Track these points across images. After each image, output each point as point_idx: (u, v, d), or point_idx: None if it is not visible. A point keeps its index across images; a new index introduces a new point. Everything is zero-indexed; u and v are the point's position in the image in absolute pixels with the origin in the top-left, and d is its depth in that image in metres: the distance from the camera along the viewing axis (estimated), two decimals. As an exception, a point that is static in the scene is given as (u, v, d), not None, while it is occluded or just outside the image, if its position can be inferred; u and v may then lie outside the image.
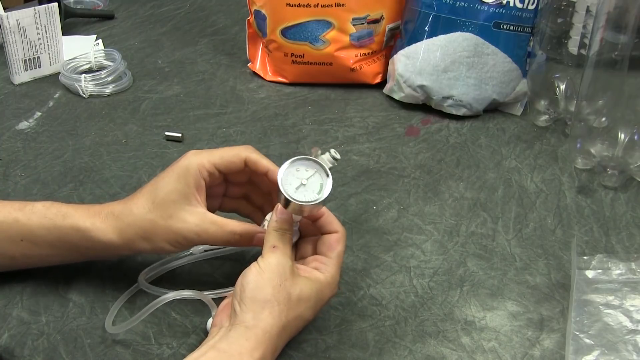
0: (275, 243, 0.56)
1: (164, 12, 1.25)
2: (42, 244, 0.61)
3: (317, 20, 0.96)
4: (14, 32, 0.96)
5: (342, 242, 0.59)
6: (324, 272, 0.57)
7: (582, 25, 0.97)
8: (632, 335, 0.59)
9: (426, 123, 0.93)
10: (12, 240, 0.60)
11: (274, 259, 0.55)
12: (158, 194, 0.59)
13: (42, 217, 0.60)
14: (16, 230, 0.60)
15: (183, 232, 0.59)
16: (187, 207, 0.59)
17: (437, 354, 0.59)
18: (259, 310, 0.53)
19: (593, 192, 0.80)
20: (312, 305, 0.56)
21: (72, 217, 0.60)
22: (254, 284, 0.54)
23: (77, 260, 0.64)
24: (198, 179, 0.59)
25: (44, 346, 0.59)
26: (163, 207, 0.59)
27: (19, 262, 0.63)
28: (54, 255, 0.62)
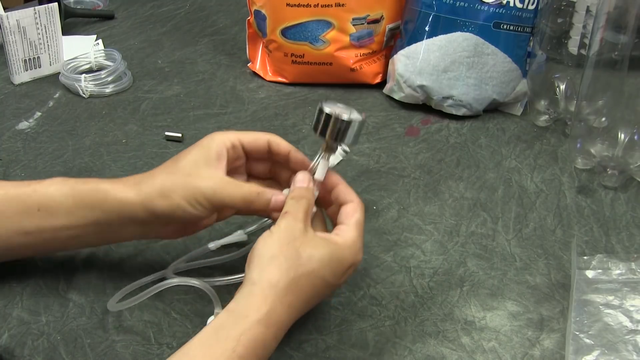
0: (287, 209, 0.56)
1: (164, 12, 1.25)
2: (59, 212, 0.59)
3: (317, 20, 0.96)
4: (14, 32, 0.96)
5: (359, 210, 0.58)
6: (342, 236, 0.56)
7: (582, 25, 0.97)
8: (632, 335, 0.59)
9: (426, 123, 0.93)
10: (28, 211, 0.59)
11: (284, 223, 0.55)
12: (179, 161, 0.60)
13: (61, 184, 0.60)
14: (34, 199, 0.60)
15: (201, 188, 0.58)
16: (207, 168, 0.59)
17: (437, 354, 0.59)
18: (265, 265, 0.52)
19: (593, 192, 0.80)
20: (327, 264, 0.54)
21: (91, 182, 0.61)
22: (261, 244, 0.54)
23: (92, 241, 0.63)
24: (221, 149, 0.60)
25: (44, 346, 0.59)
26: (185, 167, 0.59)
27: (34, 240, 0.60)
28: (70, 227, 0.60)
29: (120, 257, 0.68)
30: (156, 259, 0.68)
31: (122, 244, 0.70)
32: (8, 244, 0.61)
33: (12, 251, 0.62)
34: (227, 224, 0.72)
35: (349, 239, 0.57)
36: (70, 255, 0.68)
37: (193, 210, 0.58)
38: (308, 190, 0.59)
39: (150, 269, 0.67)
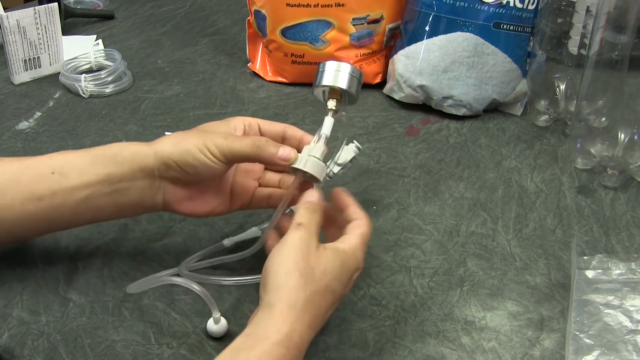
0: (300, 220, 0.56)
1: (164, 12, 1.25)
2: (72, 173, 0.60)
3: (317, 20, 0.96)
4: (14, 32, 0.96)
5: (364, 226, 0.59)
6: (345, 243, 0.57)
7: (582, 25, 0.97)
8: (632, 335, 0.59)
9: (426, 123, 0.93)
10: (42, 175, 0.60)
11: (297, 235, 0.54)
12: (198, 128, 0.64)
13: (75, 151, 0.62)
14: (49, 164, 0.60)
15: (212, 137, 0.60)
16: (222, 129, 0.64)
17: (437, 354, 0.59)
18: (281, 285, 0.52)
19: (593, 192, 0.80)
20: (337, 276, 0.54)
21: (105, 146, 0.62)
22: (276, 260, 0.53)
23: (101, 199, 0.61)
24: (238, 123, 0.64)
25: (44, 346, 0.59)
26: (199, 129, 0.64)
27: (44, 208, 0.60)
28: (82, 186, 0.60)
29: (120, 257, 0.68)
30: (156, 259, 0.68)
31: (121, 244, 0.70)
32: (21, 213, 0.60)
33: (23, 223, 0.61)
34: (241, 224, 0.72)
35: (352, 245, 0.57)
36: (70, 255, 0.68)
37: (203, 157, 0.59)
38: (320, 206, 0.59)
39: (151, 269, 0.67)
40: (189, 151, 0.60)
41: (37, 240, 0.70)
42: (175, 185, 0.62)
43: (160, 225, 0.72)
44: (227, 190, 0.65)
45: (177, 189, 0.62)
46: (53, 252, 0.68)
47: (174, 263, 0.68)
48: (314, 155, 0.61)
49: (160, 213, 0.74)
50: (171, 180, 0.62)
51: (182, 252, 0.69)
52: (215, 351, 0.59)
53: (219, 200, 0.64)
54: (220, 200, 0.65)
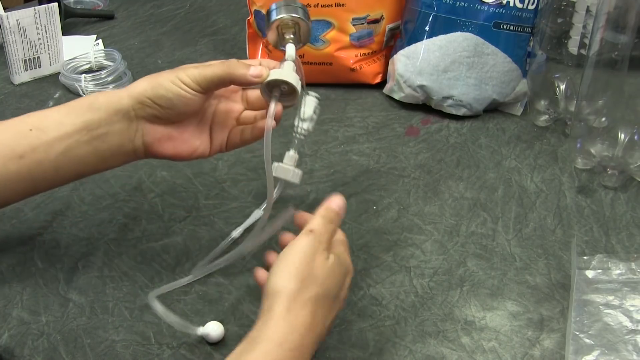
0: (313, 227, 0.55)
1: (164, 12, 1.25)
2: (50, 126, 0.60)
3: (317, 20, 0.96)
4: (14, 32, 0.96)
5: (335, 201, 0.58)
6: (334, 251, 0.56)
7: (582, 25, 0.97)
8: (632, 335, 0.59)
9: (426, 123, 0.93)
10: (21, 133, 0.60)
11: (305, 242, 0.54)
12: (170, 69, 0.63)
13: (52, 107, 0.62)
14: (27, 122, 0.60)
15: (184, 68, 0.61)
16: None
17: (437, 354, 0.59)
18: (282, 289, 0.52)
19: (593, 192, 0.80)
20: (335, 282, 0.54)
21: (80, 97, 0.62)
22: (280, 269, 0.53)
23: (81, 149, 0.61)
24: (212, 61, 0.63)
25: (44, 346, 0.59)
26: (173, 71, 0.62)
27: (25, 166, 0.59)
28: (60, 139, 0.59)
29: (120, 257, 0.68)
30: (156, 259, 0.68)
31: (121, 244, 0.70)
32: (3, 174, 0.59)
33: (7, 184, 0.60)
34: (240, 224, 0.72)
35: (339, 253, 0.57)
36: (70, 255, 0.68)
37: (176, 88, 0.60)
38: (338, 216, 0.58)
39: (151, 268, 0.67)
40: (161, 84, 0.60)
41: (37, 240, 0.70)
42: (153, 124, 0.62)
43: (160, 225, 0.72)
44: (207, 129, 0.65)
45: (156, 128, 0.62)
46: (53, 252, 0.69)
47: (174, 263, 0.68)
48: (286, 68, 0.62)
49: (161, 213, 0.74)
50: (148, 119, 0.61)
51: (182, 252, 0.69)
52: (215, 351, 0.59)
53: (200, 139, 0.64)
54: (200, 140, 0.64)
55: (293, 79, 0.61)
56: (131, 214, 0.74)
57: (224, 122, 0.66)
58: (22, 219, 0.73)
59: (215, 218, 0.74)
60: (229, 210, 0.75)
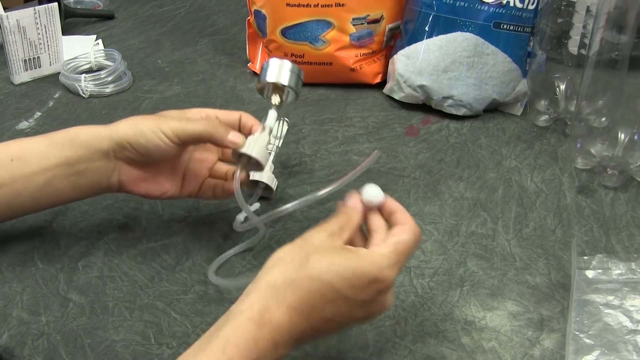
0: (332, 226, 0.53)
1: (164, 12, 1.25)
2: (31, 159, 0.62)
3: (317, 20, 0.96)
4: (14, 32, 0.96)
5: (406, 232, 0.53)
6: (370, 248, 0.52)
7: (582, 25, 0.97)
8: (632, 335, 0.59)
9: (426, 123, 0.93)
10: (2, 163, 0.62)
11: (315, 233, 0.53)
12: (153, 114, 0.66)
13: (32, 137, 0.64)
14: (7, 152, 0.62)
15: (166, 119, 0.63)
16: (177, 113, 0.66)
17: (437, 354, 0.59)
18: (269, 266, 0.51)
19: (593, 192, 0.80)
20: (340, 274, 0.49)
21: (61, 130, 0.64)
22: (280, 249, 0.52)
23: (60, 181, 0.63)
24: (195, 112, 0.67)
25: (44, 346, 0.59)
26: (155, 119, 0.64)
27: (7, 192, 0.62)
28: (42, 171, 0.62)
29: (120, 257, 0.68)
30: (156, 259, 0.68)
31: (121, 244, 0.70)
32: None
33: None
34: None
35: (376, 252, 0.52)
36: (70, 255, 0.68)
37: (155, 139, 0.62)
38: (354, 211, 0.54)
39: (151, 268, 0.67)
40: (142, 133, 0.62)
41: (37, 240, 0.70)
42: (130, 166, 0.64)
43: (160, 226, 0.72)
44: (180, 175, 0.68)
45: (132, 169, 0.65)
46: (53, 252, 0.69)
47: (174, 263, 0.68)
48: (259, 143, 0.63)
49: (161, 213, 0.74)
50: (126, 161, 0.64)
51: (182, 252, 0.69)
52: (215, 351, 0.59)
53: (171, 183, 0.67)
54: (172, 184, 0.67)
55: (262, 157, 0.63)
56: (131, 214, 0.74)
57: (197, 171, 0.69)
58: (22, 219, 0.72)
59: (215, 218, 0.74)
60: (229, 210, 0.75)
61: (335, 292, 0.50)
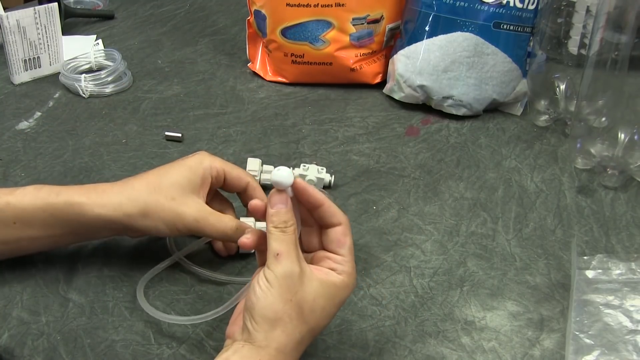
0: (278, 248, 0.51)
1: (164, 12, 1.25)
2: (35, 224, 0.61)
3: (317, 20, 0.96)
4: (14, 32, 0.96)
5: (348, 234, 0.55)
6: (340, 274, 0.53)
7: (582, 25, 0.97)
8: (632, 335, 0.59)
9: (426, 123, 0.93)
10: (4, 223, 0.60)
11: (280, 269, 0.51)
12: (166, 177, 0.62)
13: (34, 197, 0.61)
14: (8, 213, 0.60)
15: (184, 215, 0.61)
16: (191, 195, 0.62)
17: (437, 354, 0.59)
18: (270, 329, 0.50)
19: (593, 192, 0.80)
20: (327, 313, 0.53)
21: (65, 193, 0.61)
22: (262, 301, 0.50)
23: (71, 242, 0.65)
24: (207, 176, 0.63)
25: (44, 346, 0.59)
26: (169, 190, 0.61)
27: (13, 247, 0.62)
28: (47, 236, 0.62)
29: (120, 257, 0.68)
30: (156, 259, 0.68)
31: (121, 244, 0.70)
32: None
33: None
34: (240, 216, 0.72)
35: (346, 276, 0.53)
36: (70, 255, 0.68)
37: (170, 233, 0.62)
38: (289, 212, 0.53)
39: (151, 268, 0.67)
40: (157, 228, 0.61)
41: (37, 240, 0.70)
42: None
43: (160, 225, 0.72)
44: None
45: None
46: (53, 252, 0.68)
47: (174, 263, 0.68)
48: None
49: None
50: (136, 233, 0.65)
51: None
52: (215, 351, 0.59)
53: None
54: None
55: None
56: (131, 214, 0.74)
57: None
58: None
59: (215, 218, 0.74)
60: (229, 210, 0.75)
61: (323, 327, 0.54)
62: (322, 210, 0.55)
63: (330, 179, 0.79)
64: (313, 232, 0.57)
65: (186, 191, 0.61)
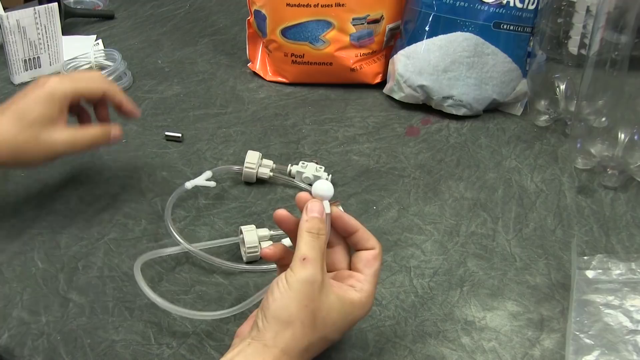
0: (306, 253, 0.51)
1: (164, 12, 1.25)
2: None
3: (317, 20, 0.96)
4: (14, 32, 0.96)
5: (379, 259, 0.56)
6: (359, 292, 0.54)
7: (582, 25, 0.97)
8: (632, 336, 0.59)
9: (426, 123, 0.93)
10: None
11: (303, 274, 0.51)
12: (25, 116, 0.65)
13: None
14: None
15: (51, 147, 0.67)
16: (53, 127, 0.67)
17: (437, 354, 0.59)
18: (281, 330, 0.50)
19: (593, 192, 0.80)
20: (339, 328, 0.53)
21: None
22: (279, 301, 0.50)
23: None
24: (62, 105, 0.68)
25: (44, 346, 0.59)
26: (32, 130, 0.66)
27: None
28: None
29: (120, 257, 0.68)
30: (156, 258, 0.68)
31: (121, 244, 0.70)
32: None
33: None
34: (240, 223, 0.72)
35: (365, 295, 0.54)
36: (70, 255, 0.68)
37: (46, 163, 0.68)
38: (322, 222, 0.54)
39: (151, 268, 0.67)
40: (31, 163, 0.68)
41: (37, 240, 0.70)
42: None
43: (160, 225, 0.72)
44: None
45: None
46: (53, 252, 0.69)
47: (174, 263, 0.68)
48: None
49: (160, 213, 0.74)
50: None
51: (182, 252, 0.69)
52: (215, 351, 0.59)
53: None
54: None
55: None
56: (131, 214, 0.74)
57: None
58: (22, 219, 0.73)
59: (215, 218, 0.74)
60: (228, 210, 0.75)
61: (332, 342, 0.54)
62: (358, 235, 0.56)
63: (327, 178, 0.79)
64: (337, 253, 0.57)
65: (49, 127, 0.66)
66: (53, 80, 0.67)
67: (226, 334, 0.60)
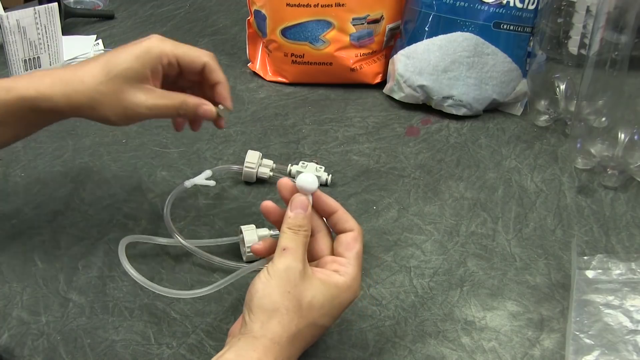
0: (286, 244, 0.53)
1: (164, 12, 1.25)
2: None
3: (317, 20, 0.96)
4: (14, 32, 0.96)
5: (359, 241, 0.56)
6: (342, 275, 0.54)
7: (582, 25, 0.97)
8: (632, 336, 0.59)
9: (426, 123, 0.93)
10: None
11: (282, 264, 0.52)
12: (113, 68, 0.60)
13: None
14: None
15: (133, 107, 0.60)
16: (140, 85, 0.61)
17: (437, 354, 0.59)
18: (267, 319, 0.51)
19: (593, 192, 0.80)
20: (327, 312, 0.53)
21: (15, 88, 0.59)
22: (261, 292, 0.52)
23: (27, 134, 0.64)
24: (157, 64, 0.61)
25: (44, 346, 0.59)
26: (116, 82, 0.60)
27: None
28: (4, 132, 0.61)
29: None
30: (156, 258, 0.68)
31: (122, 244, 0.70)
32: None
33: None
34: (241, 223, 0.72)
35: (349, 278, 0.54)
36: (70, 255, 0.68)
37: (123, 123, 0.62)
38: (306, 218, 0.55)
39: (151, 269, 0.67)
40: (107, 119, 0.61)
41: (37, 240, 0.70)
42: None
43: (161, 225, 0.72)
44: None
45: None
46: (53, 252, 0.69)
47: (174, 263, 0.68)
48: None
49: (160, 213, 0.74)
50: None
51: (182, 251, 0.69)
52: (215, 351, 0.58)
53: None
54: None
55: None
56: (131, 214, 0.74)
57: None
58: (22, 219, 0.73)
59: (215, 218, 0.74)
60: (228, 211, 0.75)
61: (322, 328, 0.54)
62: (337, 216, 0.57)
63: (327, 178, 0.79)
64: (320, 240, 0.58)
65: (134, 83, 0.60)
66: (154, 38, 0.62)
67: (226, 334, 0.60)
